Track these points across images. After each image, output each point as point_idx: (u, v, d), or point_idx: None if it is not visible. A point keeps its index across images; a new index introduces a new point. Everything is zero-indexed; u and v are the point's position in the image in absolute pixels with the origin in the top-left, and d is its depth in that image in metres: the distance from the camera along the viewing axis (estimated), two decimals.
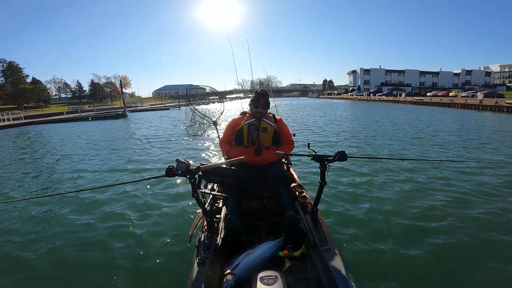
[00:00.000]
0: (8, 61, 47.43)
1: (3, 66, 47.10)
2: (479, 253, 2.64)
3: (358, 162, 5.50)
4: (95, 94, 62.80)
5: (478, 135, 9.55)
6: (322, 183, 1.94)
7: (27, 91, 44.94)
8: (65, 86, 68.78)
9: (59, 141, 11.91)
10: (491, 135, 9.46)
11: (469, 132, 10.21)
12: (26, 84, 47.40)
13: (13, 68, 47.31)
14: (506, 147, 7.34)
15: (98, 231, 3.23)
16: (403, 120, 15.29)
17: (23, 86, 45.31)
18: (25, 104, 43.32)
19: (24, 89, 44.93)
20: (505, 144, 7.73)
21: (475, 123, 13.23)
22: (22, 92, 44.24)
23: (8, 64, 47.26)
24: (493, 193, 4.01)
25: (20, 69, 48.34)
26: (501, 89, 50.32)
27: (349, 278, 1.50)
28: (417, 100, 33.05)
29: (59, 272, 2.55)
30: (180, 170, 1.72)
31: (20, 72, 48.23)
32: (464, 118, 15.90)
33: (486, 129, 11.15)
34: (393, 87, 59.81)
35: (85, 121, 23.33)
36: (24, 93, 44.48)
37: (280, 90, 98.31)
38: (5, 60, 47.33)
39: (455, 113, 19.74)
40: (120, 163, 6.81)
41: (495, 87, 55.91)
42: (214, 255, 1.71)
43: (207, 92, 4.20)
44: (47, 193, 4.52)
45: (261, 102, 2.41)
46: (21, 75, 48.18)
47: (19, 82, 45.84)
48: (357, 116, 18.92)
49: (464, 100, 26.12)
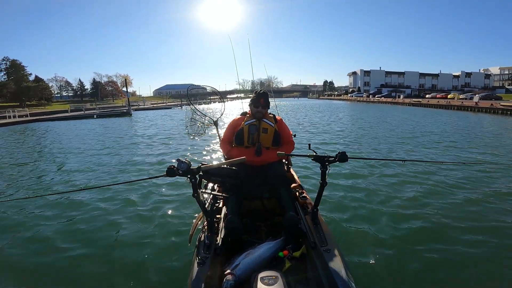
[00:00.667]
0: (11, 59, 47.51)
1: (6, 64, 47.17)
2: (480, 255, 2.62)
3: (359, 163, 5.48)
4: (97, 93, 62.83)
5: (466, 135, 9.78)
6: (323, 184, 1.93)
7: (29, 89, 45.03)
8: (66, 84, 68.88)
9: (65, 138, 12.05)
10: (483, 135, 9.68)
11: (457, 132, 10.61)
12: (29, 82, 47.49)
13: (16, 66, 47.38)
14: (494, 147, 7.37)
15: (97, 231, 3.20)
16: (399, 121, 15.50)
17: (26, 84, 45.39)
18: (27, 102, 43.36)
19: (27, 87, 45.01)
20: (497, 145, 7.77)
21: (469, 124, 13.55)
22: (24, 90, 44.33)
23: (11, 62, 47.30)
24: (495, 194, 3.99)
25: (23, 67, 48.43)
26: (500, 92, 50.18)
27: (349, 279, 1.49)
28: (415, 102, 33.41)
29: (59, 271, 2.52)
30: (181, 170, 1.71)
31: (23, 70, 48.32)
32: (459, 119, 16.15)
33: (477, 130, 11.40)
34: (392, 88, 59.76)
35: (90, 119, 23.63)
36: (27, 91, 44.58)
37: (280, 91, 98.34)
38: (8, 58, 47.42)
39: (451, 114, 20.01)
40: (121, 161, 6.81)
41: (494, 90, 55.91)
42: (214, 255, 1.70)
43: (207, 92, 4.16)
44: (47, 192, 4.49)
45: (261, 102, 2.41)
46: (24, 73, 48.28)
47: (22, 80, 45.93)
48: (355, 117, 19.19)
49: (460, 102, 26.58)
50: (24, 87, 44.63)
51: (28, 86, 45.43)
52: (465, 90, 55.89)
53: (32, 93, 45.55)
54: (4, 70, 47.15)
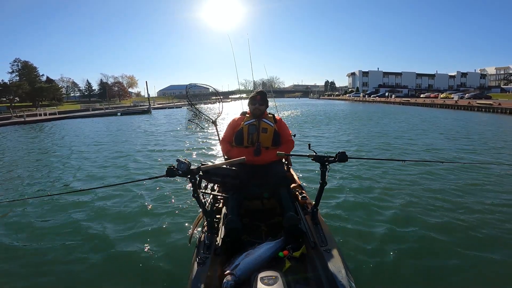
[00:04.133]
0: (22, 60, 47.94)
1: (18, 65, 47.63)
2: (480, 255, 2.53)
3: (359, 163, 5.36)
4: (104, 93, 63.14)
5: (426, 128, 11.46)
6: (323, 184, 1.88)
7: (43, 90, 45.57)
8: (73, 85, 69.05)
9: (102, 133, 13.39)
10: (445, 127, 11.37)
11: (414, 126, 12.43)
12: (42, 83, 47.99)
13: (28, 68, 47.84)
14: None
15: (97, 231, 3.12)
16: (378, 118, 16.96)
17: (39, 85, 45.92)
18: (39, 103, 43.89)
19: (41, 87, 45.55)
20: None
21: (436, 120, 15.18)
22: (38, 90, 44.87)
23: (24, 64, 47.73)
24: (495, 193, 3.90)
25: (35, 69, 48.98)
26: (496, 91, 49.75)
27: (349, 279, 1.45)
28: (404, 101, 35.38)
29: (59, 271, 2.47)
30: (180, 170, 1.66)
31: (35, 71, 48.81)
32: (433, 115, 17.96)
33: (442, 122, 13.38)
34: (390, 88, 59.48)
35: (114, 116, 26.34)
36: (41, 91, 45.13)
37: (282, 91, 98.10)
38: (19, 60, 47.83)
39: (432, 111, 21.59)
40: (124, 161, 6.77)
41: (490, 89, 55.53)
42: (214, 255, 1.66)
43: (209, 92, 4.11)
44: (46, 193, 4.37)
45: (257, 99, 2.36)
46: (37, 74, 48.80)
47: (35, 81, 46.45)
48: (345, 115, 20.30)
49: (442, 101, 28.57)
50: (38, 87, 45.16)
51: (42, 86, 45.96)
52: (461, 89, 55.50)
53: (46, 93, 46.08)
54: (16, 71, 47.67)
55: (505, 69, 65.90)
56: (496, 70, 68.21)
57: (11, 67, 47.63)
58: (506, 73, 65.47)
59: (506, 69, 65.50)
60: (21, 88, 43.08)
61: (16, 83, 44.21)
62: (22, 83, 43.92)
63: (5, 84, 43.67)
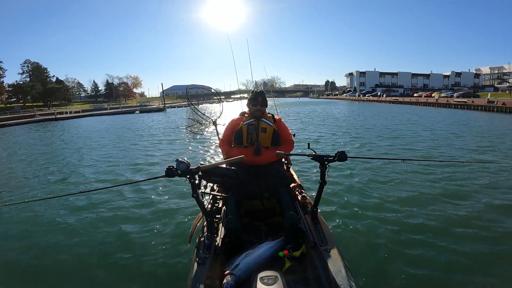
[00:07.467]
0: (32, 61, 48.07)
1: (28, 66, 47.78)
2: (481, 255, 2.45)
3: (359, 162, 5.24)
4: (111, 94, 63.18)
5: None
6: (322, 183, 1.81)
7: (55, 90, 45.93)
8: (78, 86, 68.86)
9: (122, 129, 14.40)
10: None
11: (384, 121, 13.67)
12: (53, 83, 48.23)
13: (39, 69, 48.02)
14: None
15: (97, 232, 3.04)
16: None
17: (51, 86, 46.21)
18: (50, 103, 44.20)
19: (52, 88, 45.85)
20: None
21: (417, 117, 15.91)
22: (50, 91, 45.21)
23: (35, 65, 47.88)
24: (495, 192, 3.79)
25: (45, 70, 49.14)
26: (489, 90, 49.46)
27: (349, 278, 1.40)
28: (394, 100, 36.58)
29: (59, 271, 2.41)
30: (180, 170, 1.60)
31: (46, 72, 49.00)
32: (419, 113, 18.54)
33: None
34: (386, 88, 59.23)
35: (132, 114, 29.76)
36: (53, 92, 45.50)
37: (283, 91, 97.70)
38: (29, 61, 47.93)
39: (417, 109, 22.32)
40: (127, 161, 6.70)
41: (484, 88, 55.18)
42: (214, 255, 1.60)
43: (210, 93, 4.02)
44: (48, 195, 4.23)
45: (259, 100, 2.26)
46: (47, 75, 49.03)
47: (46, 82, 46.71)
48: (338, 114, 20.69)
49: (425, 100, 30.32)
50: (50, 88, 45.47)
51: (53, 87, 46.26)
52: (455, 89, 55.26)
53: (57, 94, 46.42)
54: (27, 72, 47.84)
55: (499, 69, 65.12)
56: (491, 70, 67.45)
57: (21, 68, 47.91)
58: (499, 73, 64.71)
59: (500, 69, 64.73)
60: (35, 89, 43.35)
61: (29, 83, 44.44)
62: (35, 84, 44.15)
63: (19, 85, 44.04)
